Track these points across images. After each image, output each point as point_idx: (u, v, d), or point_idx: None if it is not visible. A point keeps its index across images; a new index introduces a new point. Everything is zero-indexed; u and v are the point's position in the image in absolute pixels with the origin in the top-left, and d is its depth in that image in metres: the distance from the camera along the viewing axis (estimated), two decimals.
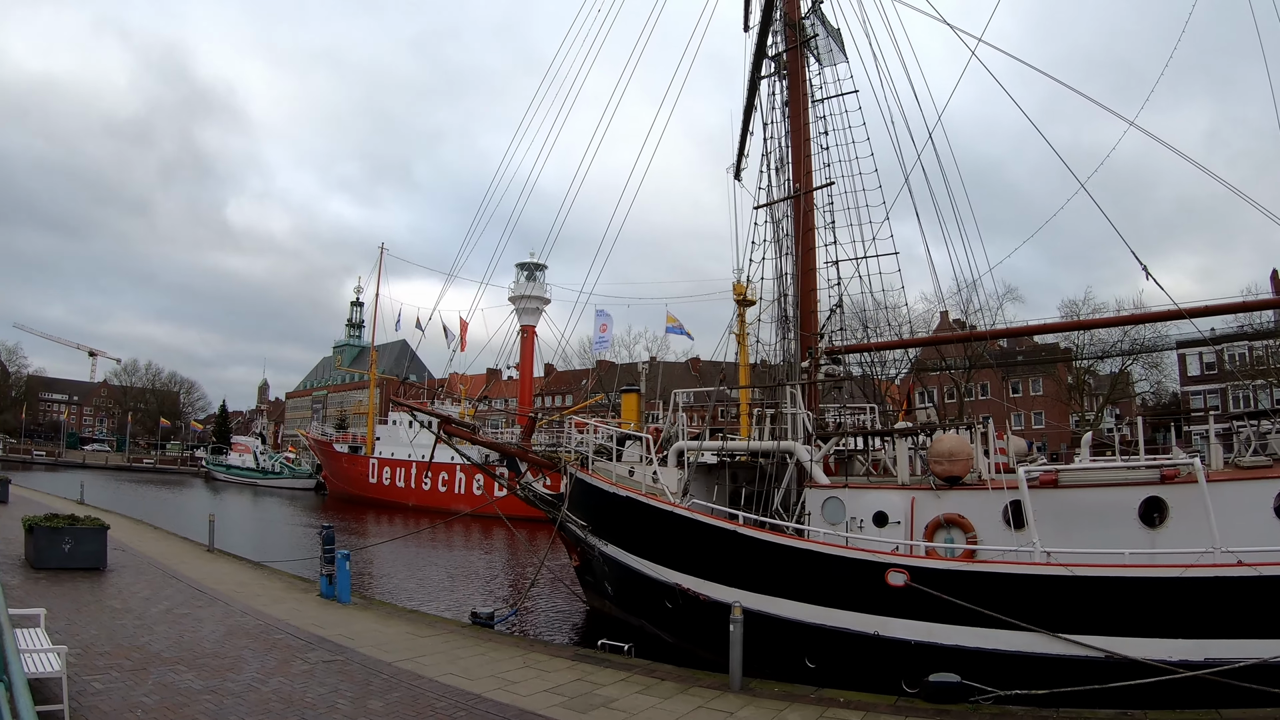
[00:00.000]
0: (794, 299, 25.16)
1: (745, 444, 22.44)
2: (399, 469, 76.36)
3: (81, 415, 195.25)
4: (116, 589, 19.30)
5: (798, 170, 25.58)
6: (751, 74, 27.01)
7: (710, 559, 19.28)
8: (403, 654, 15.27)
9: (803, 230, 24.90)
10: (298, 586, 22.73)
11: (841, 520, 18.76)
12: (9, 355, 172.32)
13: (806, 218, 25.07)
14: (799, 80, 25.93)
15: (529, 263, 76.43)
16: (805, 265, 24.90)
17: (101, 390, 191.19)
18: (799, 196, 25.14)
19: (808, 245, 24.99)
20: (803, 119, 25.80)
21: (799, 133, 25.66)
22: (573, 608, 27.57)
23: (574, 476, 24.52)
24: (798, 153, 25.62)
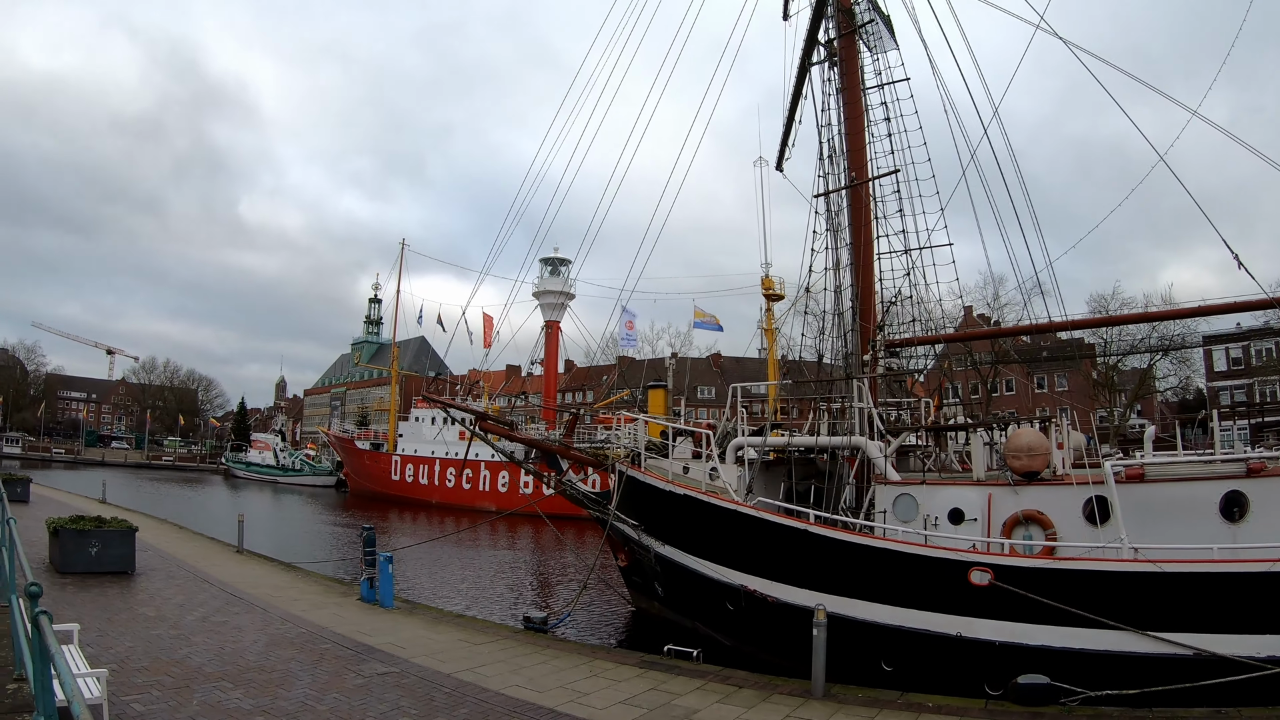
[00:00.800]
0: (853, 290, 23.97)
1: (813, 439, 21.35)
2: (422, 466, 75.41)
3: (100, 413, 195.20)
4: (148, 595, 18.13)
5: (857, 159, 24.53)
6: (801, 62, 25.78)
7: (779, 559, 18.47)
8: (461, 664, 14.15)
9: (862, 220, 23.91)
10: (336, 590, 21.60)
11: (914, 518, 17.97)
12: (27, 354, 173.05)
13: (866, 208, 24.09)
14: (854, 67, 24.89)
15: (553, 258, 75.43)
16: (865, 256, 23.88)
17: (120, 388, 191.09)
18: (861, 185, 24.11)
19: (867, 236, 23.97)
20: (859, 107, 24.72)
21: (857, 120, 24.61)
22: (619, 609, 26.49)
23: (625, 474, 23.36)
24: (858, 140, 24.53)
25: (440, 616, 19.39)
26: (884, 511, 18.55)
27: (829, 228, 24.54)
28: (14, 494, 33.59)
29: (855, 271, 23.83)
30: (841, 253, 24.42)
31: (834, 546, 17.42)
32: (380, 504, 73.70)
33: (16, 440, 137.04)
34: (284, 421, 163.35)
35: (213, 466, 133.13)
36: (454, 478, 71.51)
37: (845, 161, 24.77)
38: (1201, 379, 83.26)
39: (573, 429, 28.14)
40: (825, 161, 24.91)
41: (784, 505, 19.64)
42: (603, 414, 69.36)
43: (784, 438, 21.98)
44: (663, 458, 23.61)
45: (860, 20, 25.04)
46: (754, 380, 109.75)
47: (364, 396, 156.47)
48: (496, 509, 64.00)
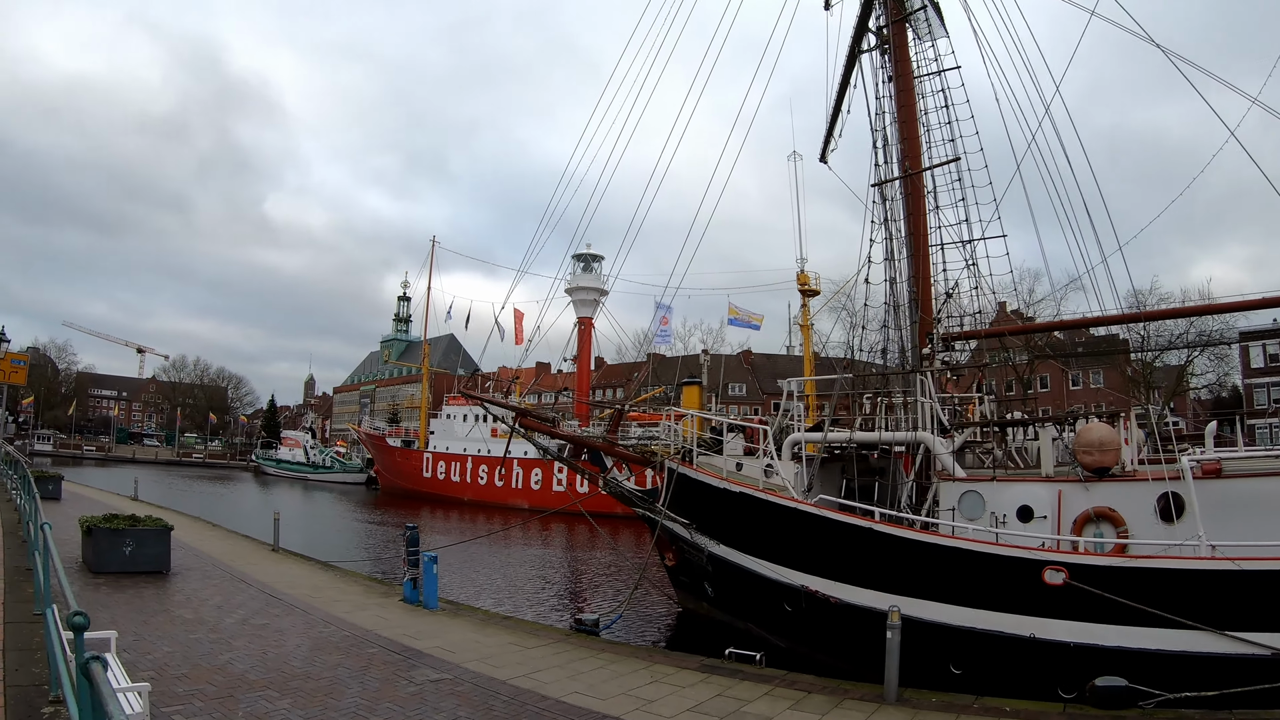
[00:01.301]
0: (909, 283, 23.28)
1: (876, 435, 20.67)
2: (454, 463, 74.93)
3: (130, 411, 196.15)
4: (184, 596, 17.36)
5: (911, 148, 23.70)
6: (851, 50, 25.26)
7: (842, 559, 17.82)
8: (516, 669, 13.35)
9: (918, 210, 23.28)
10: (376, 590, 20.87)
11: (981, 515, 17.43)
12: (58, 353, 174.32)
13: (921, 197, 23.42)
14: (905, 55, 24.16)
15: (586, 254, 74.66)
16: (920, 248, 23.18)
17: (150, 386, 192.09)
18: (918, 174, 23.36)
19: (923, 226, 23.32)
20: (910, 95, 23.99)
21: (910, 108, 23.83)
22: (665, 610, 25.72)
23: (675, 472, 22.54)
24: (912, 129, 23.71)
25: (487, 618, 18.64)
26: (952, 509, 17.92)
27: (886, 218, 23.68)
28: (46, 491, 33.08)
29: (913, 263, 23.16)
30: (894, 244, 23.55)
31: (901, 545, 16.78)
32: (412, 501, 73.30)
33: (48, 438, 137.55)
34: (314, 419, 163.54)
35: (243, 464, 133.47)
36: (486, 475, 70.99)
37: (898, 151, 24.02)
38: (1239, 376, 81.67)
39: (617, 425, 27.31)
40: (879, 151, 24.15)
41: (847, 503, 18.87)
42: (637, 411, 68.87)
43: (845, 434, 21.10)
44: (713, 455, 22.84)
45: (911, 7, 24.30)
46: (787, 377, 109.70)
47: (394, 394, 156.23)
48: (529, 506, 63.59)
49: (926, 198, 23.44)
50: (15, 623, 11.13)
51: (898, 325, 23.43)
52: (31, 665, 9.98)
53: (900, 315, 23.54)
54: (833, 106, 26.61)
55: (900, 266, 23.36)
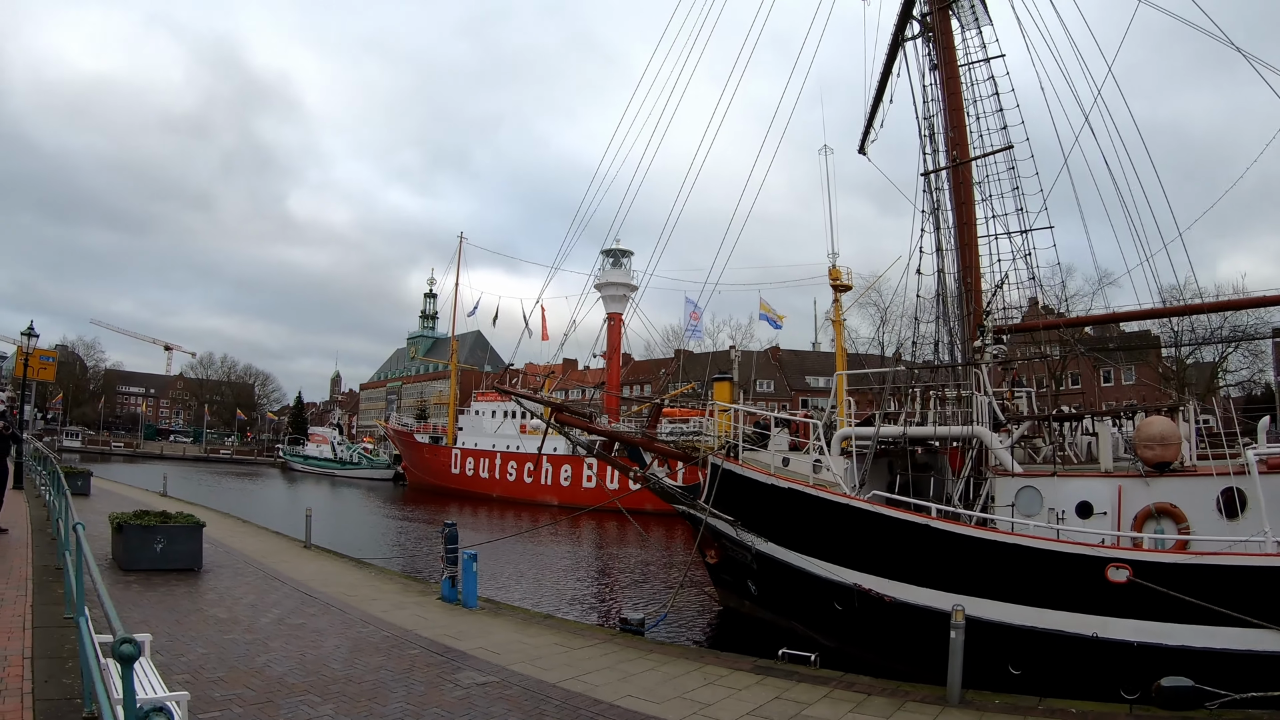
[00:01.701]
0: (958, 274, 22.99)
1: (931, 430, 20.00)
2: (483, 459, 74.50)
3: (158, 408, 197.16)
4: (217, 594, 16.80)
5: (957, 136, 23.30)
6: (894, 38, 24.95)
7: (897, 557, 17.31)
8: (564, 672, 12.70)
9: (966, 201, 22.90)
10: (413, 588, 20.24)
11: (1039, 511, 16.85)
12: (86, 350, 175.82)
13: (968, 188, 22.97)
14: (950, 42, 23.81)
15: (615, 249, 74.10)
16: (969, 238, 22.78)
17: (178, 383, 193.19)
18: (967, 163, 22.92)
19: (971, 217, 22.92)
20: (956, 84, 23.66)
21: (956, 97, 23.46)
22: (704, 608, 25.14)
23: (719, 468, 21.89)
24: (958, 117, 23.35)
25: (529, 618, 17.98)
26: (1011, 505, 17.28)
27: (935, 208, 23.65)
28: (75, 487, 32.75)
29: (962, 254, 22.81)
30: (943, 235, 23.54)
31: (960, 543, 16.31)
32: (440, 498, 72.99)
33: (77, 434, 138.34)
34: (341, 415, 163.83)
35: (269, 460, 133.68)
36: (515, 471, 70.54)
37: (944, 140, 23.77)
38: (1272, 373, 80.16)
39: (655, 420, 26.70)
40: (928, 140, 24.03)
41: (902, 499, 18.15)
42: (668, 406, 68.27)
43: (897, 428, 20.43)
44: (758, 450, 22.29)
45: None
46: (815, 374, 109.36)
47: (422, 390, 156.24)
48: (559, 502, 63.18)
49: (984, 186, 23.14)
50: (45, 627, 10.52)
51: (947, 317, 22.91)
52: (62, 675, 9.32)
53: (950, 307, 23.35)
54: (873, 97, 26.40)
55: (950, 258, 23.22)
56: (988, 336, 21.43)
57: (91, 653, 6.69)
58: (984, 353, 20.90)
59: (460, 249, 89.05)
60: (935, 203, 23.67)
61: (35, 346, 30.76)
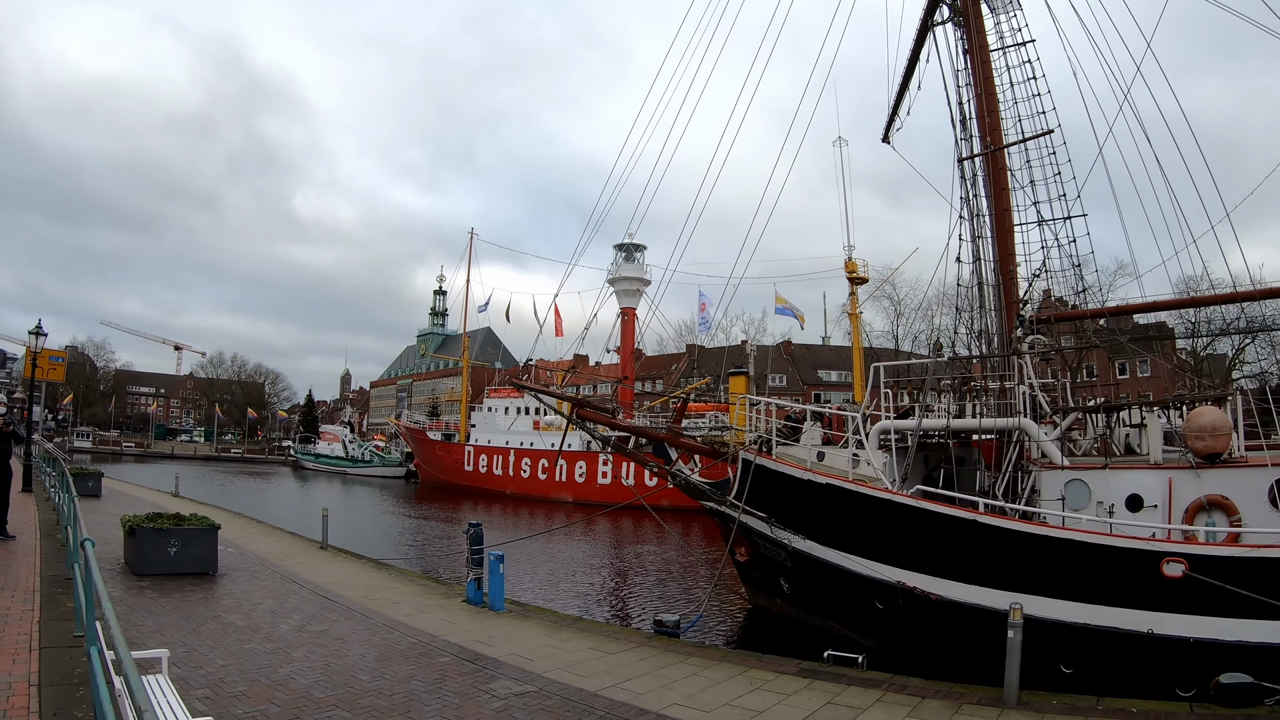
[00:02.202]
0: (994, 263, 22.44)
1: (976, 422, 19.34)
2: (496, 456, 73.87)
3: (169, 407, 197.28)
4: (234, 600, 16.05)
5: (989, 123, 22.68)
6: (923, 22, 24.43)
7: (943, 553, 16.69)
8: (603, 679, 12.01)
9: (1000, 188, 22.28)
10: (435, 591, 19.51)
11: (1086, 505, 16.35)
12: (96, 351, 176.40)
13: (1002, 175, 22.37)
14: (981, 26, 23.17)
15: (627, 243, 73.54)
16: (1004, 226, 22.19)
17: (188, 383, 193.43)
18: (1000, 150, 22.29)
19: (1006, 204, 22.25)
20: (989, 69, 23.10)
21: (989, 82, 22.92)
22: (735, 607, 24.47)
23: (751, 463, 21.15)
24: (991, 103, 22.78)
25: (559, 621, 17.26)
26: (1060, 499, 16.73)
27: (967, 195, 22.99)
28: (86, 489, 32.23)
29: (999, 242, 22.27)
30: (977, 223, 22.90)
31: (1011, 539, 15.68)
32: (453, 495, 72.36)
33: (87, 435, 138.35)
34: (352, 413, 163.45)
35: (280, 458, 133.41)
36: (529, 468, 69.92)
37: (976, 126, 23.19)
38: None
39: (681, 415, 26.02)
40: (961, 126, 23.48)
41: (946, 494, 17.47)
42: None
43: (941, 421, 19.75)
44: (790, 444, 21.56)
45: None
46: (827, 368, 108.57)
47: (433, 387, 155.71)
48: (574, 499, 62.69)
49: (1023, 172, 22.41)
50: (53, 648, 9.63)
51: (984, 307, 22.41)
52: (74, 707, 8.29)
53: (986, 297, 22.73)
54: (899, 84, 25.87)
55: (984, 246, 22.67)
56: (1028, 325, 20.98)
57: (102, 682, 5.91)
58: (1024, 343, 20.23)
59: (471, 245, 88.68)
60: (967, 191, 23.03)
61: (44, 346, 30.00)
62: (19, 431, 20.97)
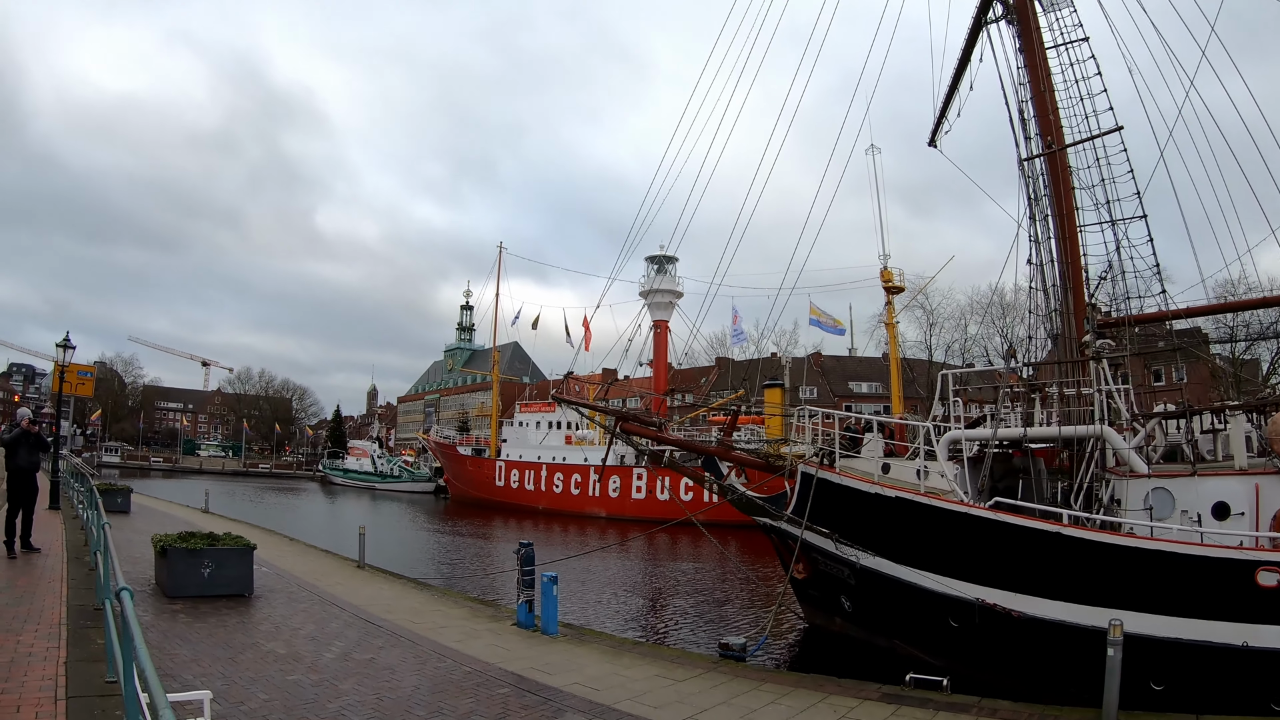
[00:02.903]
0: (1060, 265, 21.80)
1: (1055, 430, 18.28)
2: (528, 471, 72.95)
3: (196, 423, 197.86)
4: (273, 625, 15.00)
5: (1050, 122, 22.23)
6: (975, 21, 23.77)
7: (1025, 568, 15.85)
8: (678, 711, 11.00)
9: (1064, 189, 21.85)
10: (482, 613, 18.43)
11: (1170, 514, 15.75)
12: (125, 367, 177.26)
13: (1066, 175, 21.93)
14: (1035, 25, 22.84)
15: (659, 255, 72.62)
16: (1069, 228, 21.74)
17: (216, 398, 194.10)
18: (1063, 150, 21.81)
19: (1069, 206, 21.87)
20: (1046, 67, 22.57)
21: (1048, 78, 22.42)
22: (788, 625, 23.33)
23: (813, 477, 20.06)
24: (1051, 101, 22.29)
25: (618, 645, 16.17)
26: (1146, 509, 16.05)
27: (1030, 197, 22.36)
28: (114, 504, 31.41)
29: (1066, 245, 21.75)
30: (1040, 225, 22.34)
31: (1099, 551, 14.86)
32: (484, 511, 71.45)
33: (116, 450, 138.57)
34: (380, 428, 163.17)
35: (309, 474, 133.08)
36: (562, 483, 68.95)
37: (1036, 126, 22.68)
38: None
39: (732, 429, 24.97)
40: (1023, 125, 22.91)
41: (1025, 505, 16.62)
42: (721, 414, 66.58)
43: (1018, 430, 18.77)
44: (852, 457, 20.44)
45: None
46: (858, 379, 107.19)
47: (463, 402, 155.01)
48: (607, 514, 61.79)
49: (1096, 171, 21.86)
50: (82, 697, 8.49)
51: (1059, 311, 21.75)
52: None
53: (1054, 300, 22.09)
54: (948, 85, 25.32)
55: (1050, 249, 22.07)
56: (1093, 328, 19.90)
57: None
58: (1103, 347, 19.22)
59: (500, 259, 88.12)
60: (1030, 192, 22.32)
61: (71, 360, 29.08)
62: (44, 438, 19.95)
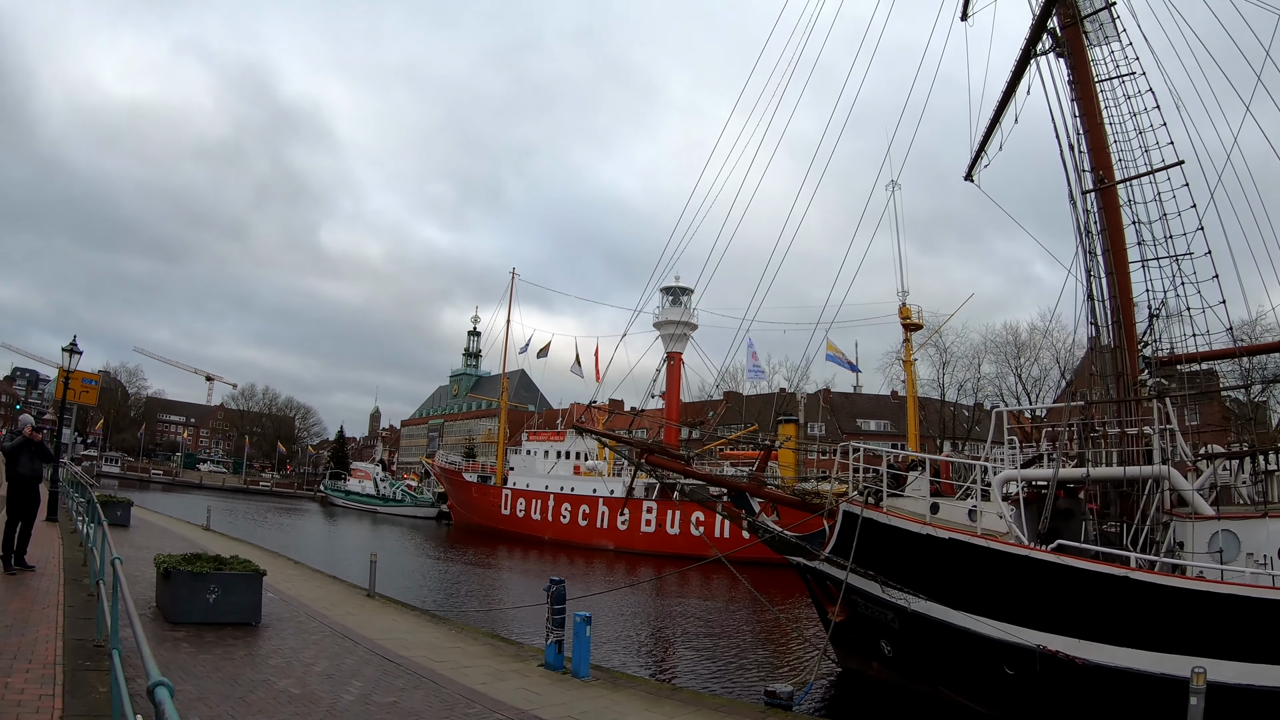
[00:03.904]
0: (1112, 302, 20.96)
1: (1120, 471, 17.51)
2: (535, 500, 71.53)
3: (198, 437, 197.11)
4: (283, 659, 13.71)
5: (1102, 157, 21.76)
6: (1024, 52, 23.27)
7: (1093, 613, 15.40)
8: None
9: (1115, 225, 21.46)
10: (505, 652, 17.14)
11: (1236, 556, 15.47)
12: (129, 377, 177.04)
13: (1116, 210, 21.52)
14: (1085, 59, 22.40)
15: (674, 287, 71.42)
16: (1120, 264, 21.19)
17: (218, 413, 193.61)
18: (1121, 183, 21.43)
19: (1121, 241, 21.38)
20: (1095, 101, 22.14)
21: (1096, 115, 21.97)
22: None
23: (858, 516, 18.94)
24: (1099, 137, 21.89)
25: (656, 691, 14.97)
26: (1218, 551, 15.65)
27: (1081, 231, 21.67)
28: (114, 517, 30.21)
29: (1119, 281, 21.05)
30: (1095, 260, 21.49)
31: (1169, 595, 14.58)
32: (488, 539, 70.01)
33: (116, 460, 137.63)
34: (384, 451, 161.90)
35: (309, 494, 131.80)
36: (569, 513, 67.54)
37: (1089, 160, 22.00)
38: None
39: (764, 464, 23.87)
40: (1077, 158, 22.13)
41: (1088, 548, 16.16)
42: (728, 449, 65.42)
43: (1080, 470, 18.07)
44: (899, 496, 19.61)
45: (1088, 8, 22.35)
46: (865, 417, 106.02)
47: (470, 428, 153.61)
48: (615, 547, 60.64)
49: (1145, 208, 21.18)
50: None
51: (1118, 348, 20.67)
52: None
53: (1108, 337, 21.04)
54: (990, 119, 24.88)
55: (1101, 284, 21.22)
56: (1152, 368, 20.39)
57: None
58: (1166, 385, 19.62)
59: (512, 285, 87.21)
60: (1080, 226, 21.59)
61: (76, 367, 27.90)
62: (46, 447, 18.77)
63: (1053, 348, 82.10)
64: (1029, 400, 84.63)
